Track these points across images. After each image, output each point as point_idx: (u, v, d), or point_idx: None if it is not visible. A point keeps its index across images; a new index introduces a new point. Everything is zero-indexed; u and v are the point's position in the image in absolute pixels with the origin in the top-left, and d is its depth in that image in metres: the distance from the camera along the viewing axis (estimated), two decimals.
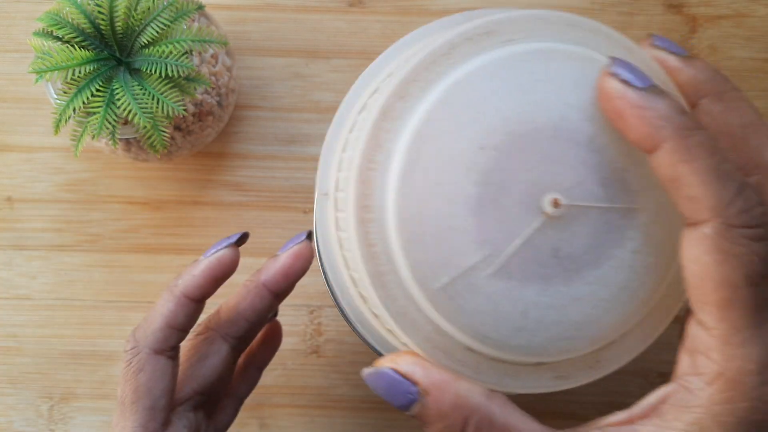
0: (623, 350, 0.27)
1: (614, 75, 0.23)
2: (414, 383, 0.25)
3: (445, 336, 0.25)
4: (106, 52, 0.39)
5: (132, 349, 0.34)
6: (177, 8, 0.39)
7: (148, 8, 0.38)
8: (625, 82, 0.23)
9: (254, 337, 0.39)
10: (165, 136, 0.39)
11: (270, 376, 0.48)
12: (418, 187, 0.24)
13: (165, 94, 0.38)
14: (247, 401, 0.48)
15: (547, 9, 0.26)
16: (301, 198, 0.49)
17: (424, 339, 0.25)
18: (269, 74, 0.49)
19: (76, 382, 0.49)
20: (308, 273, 0.48)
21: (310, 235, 0.36)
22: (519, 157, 0.24)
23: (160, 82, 0.38)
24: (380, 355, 0.28)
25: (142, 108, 0.38)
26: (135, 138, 0.42)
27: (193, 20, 0.43)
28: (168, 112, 0.38)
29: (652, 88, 0.23)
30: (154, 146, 0.39)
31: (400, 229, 0.24)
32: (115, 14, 0.38)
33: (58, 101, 0.39)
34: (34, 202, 0.49)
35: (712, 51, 0.48)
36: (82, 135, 0.39)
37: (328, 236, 0.29)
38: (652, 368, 0.48)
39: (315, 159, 0.48)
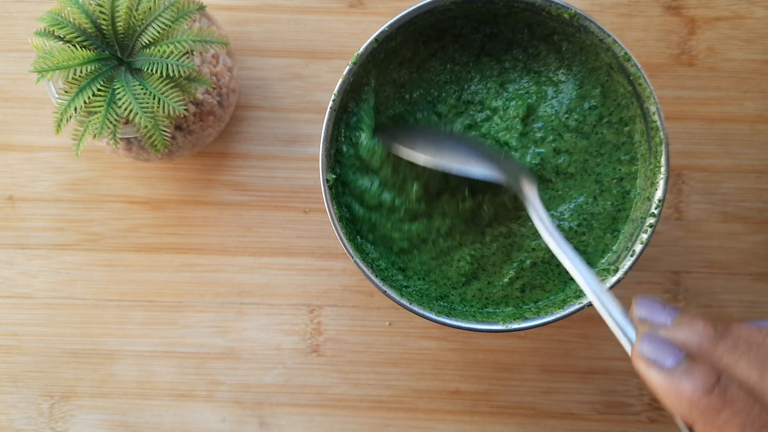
0: None
1: (641, 356, 0.27)
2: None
3: None
4: (107, 52, 0.39)
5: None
6: (178, 8, 0.39)
7: (150, 8, 0.39)
8: (653, 362, 0.26)
9: None
10: (166, 136, 0.39)
11: (270, 375, 0.48)
12: None
13: (166, 93, 0.38)
14: (247, 400, 0.48)
15: None
16: (301, 198, 0.49)
17: None
18: (270, 75, 0.49)
19: (76, 381, 0.49)
20: (308, 273, 0.49)
21: None
22: None
23: (161, 82, 0.38)
24: None
25: (143, 108, 0.38)
26: (136, 137, 0.42)
27: (194, 20, 0.43)
28: (169, 111, 0.38)
29: (679, 366, 0.26)
30: (155, 146, 0.39)
31: None
32: (117, 14, 0.38)
33: (60, 101, 0.39)
34: (35, 201, 0.49)
35: (711, 52, 0.48)
36: (83, 134, 0.39)
37: None
38: None
39: (315, 159, 0.48)
